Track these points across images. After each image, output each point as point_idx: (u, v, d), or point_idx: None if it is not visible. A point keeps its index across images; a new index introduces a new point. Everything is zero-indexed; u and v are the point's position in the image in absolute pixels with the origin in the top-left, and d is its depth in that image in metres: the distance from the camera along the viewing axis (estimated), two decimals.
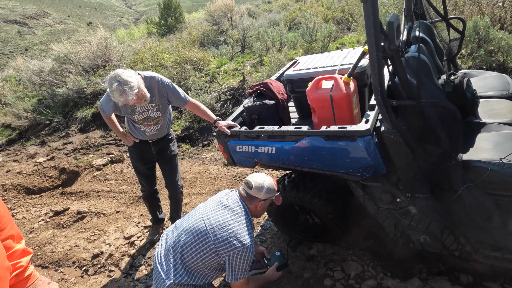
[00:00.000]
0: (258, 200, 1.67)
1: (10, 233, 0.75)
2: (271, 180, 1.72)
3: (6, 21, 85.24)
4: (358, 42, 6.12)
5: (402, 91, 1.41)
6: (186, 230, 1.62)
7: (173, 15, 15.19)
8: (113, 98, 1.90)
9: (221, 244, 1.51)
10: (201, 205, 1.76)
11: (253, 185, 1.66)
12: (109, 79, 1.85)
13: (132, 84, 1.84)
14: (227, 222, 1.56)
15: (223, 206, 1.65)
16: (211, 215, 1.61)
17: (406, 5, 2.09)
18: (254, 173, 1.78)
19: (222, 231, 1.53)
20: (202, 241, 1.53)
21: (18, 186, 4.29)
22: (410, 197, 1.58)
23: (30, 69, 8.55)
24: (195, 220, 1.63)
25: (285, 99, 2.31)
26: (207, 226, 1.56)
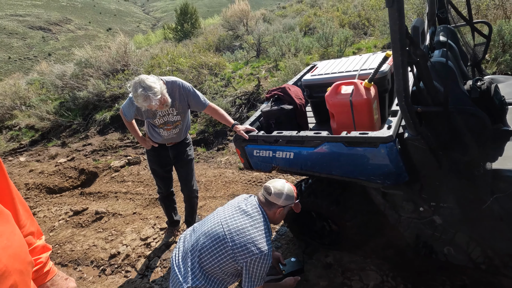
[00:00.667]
0: (277, 207, 1.66)
1: (30, 229, 0.77)
2: (291, 186, 1.71)
3: (31, 27, 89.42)
4: (375, 47, 6.04)
5: (427, 97, 1.38)
6: (204, 234, 1.62)
7: (189, 20, 15.53)
8: (137, 103, 1.95)
9: (238, 250, 1.50)
10: (219, 209, 1.76)
11: (272, 191, 1.65)
12: (134, 85, 1.90)
13: (156, 90, 1.88)
14: (245, 228, 1.56)
15: (242, 211, 1.65)
16: (230, 220, 1.61)
17: (429, 9, 2.05)
18: (274, 178, 1.77)
19: (240, 237, 1.52)
20: (220, 246, 1.53)
21: (40, 186, 4.44)
22: (435, 206, 1.53)
23: (53, 73, 8.91)
24: (213, 224, 1.63)
25: (303, 104, 2.30)
26: (225, 231, 1.55)
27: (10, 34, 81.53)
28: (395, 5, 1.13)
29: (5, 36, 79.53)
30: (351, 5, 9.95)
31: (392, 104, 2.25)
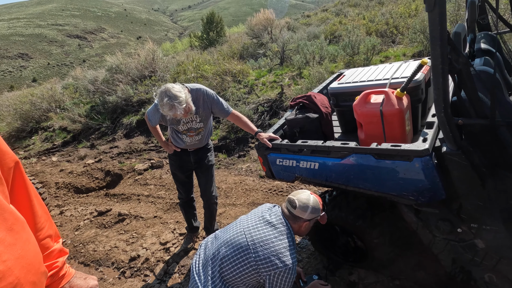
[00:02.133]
0: (303, 221, 1.59)
1: (48, 232, 0.76)
2: (316, 198, 1.64)
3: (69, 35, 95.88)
4: (404, 55, 5.82)
5: (469, 108, 1.26)
6: (226, 243, 1.58)
7: (215, 29, 15.90)
8: (163, 112, 1.96)
9: (262, 262, 1.44)
10: (243, 218, 1.72)
11: (297, 204, 1.59)
12: (160, 94, 1.92)
13: (181, 99, 1.90)
14: (269, 239, 1.50)
15: (266, 222, 1.59)
16: (253, 230, 1.56)
17: (469, 15, 1.92)
18: (297, 190, 1.70)
19: (264, 248, 1.46)
20: (243, 256, 1.48)
21: (69, 185, 4.63)
22: (476, 229, 1.39)
23: (86, 78, 9.41)
24: (236, 233, 1.59)
25: (329, 113, 2.22)
26: (248, 242, 1.51)
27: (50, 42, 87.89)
28: (436, 10, 1.05)
29: (46, 44, 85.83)
30: (378, 13, 9.73)
31: (425, 115, 2.13)
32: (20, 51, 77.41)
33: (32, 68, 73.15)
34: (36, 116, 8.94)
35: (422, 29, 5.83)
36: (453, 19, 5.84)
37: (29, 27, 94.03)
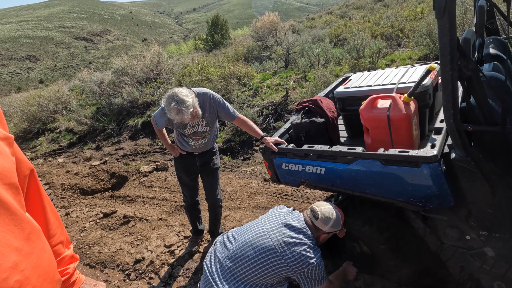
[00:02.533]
0: (322, 232, 1.64)
1: (60, 239, 0.77)
2: (339, 213, 1.68)
3: (76, 38, 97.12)
4: (410, 58, 5.79)
5: (479, 114, 1.25)
6: (248, 244, 1.60)
7: (219, 32, 15.98)
8: (170, 116, 1.97)
9: (294, 262, 1.50)
10: (263, 219, 1.74)
11: (319, 216, 1.63)
12: (167, 98, 1.93)
13: (188, 104, 1.91)
14: (295, 242, 1.54)
15: (289, 225, 1.63)
16: (278, 233, 1.59)
17: (478, 20, 1.90)
18: (322, 201, 1.74)
19: (293, 250, 1.52)
20: (270, 258, 1.51)
21: (75, 186, 4.68)
22: (486, 236, 1.37)
23: (93, 80, 9.50)
24: (259, 234, 1.61)
25: (335, 117, 2.22)
26: (275, 244, 1.54)
27: (57, 44, 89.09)
28: (446, 16, 1.05)
29: (53, 46, 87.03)
30: (384, 16, 9.71)
31: (432, 120, 2.11)
32: (28, 53, 78.54)
33: (39, 69, 74.16)
34: (43, 118, 9.05)
35: (428, 32, 5.80)
36: (460, 22, 5.80)
37: (37, 29, 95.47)
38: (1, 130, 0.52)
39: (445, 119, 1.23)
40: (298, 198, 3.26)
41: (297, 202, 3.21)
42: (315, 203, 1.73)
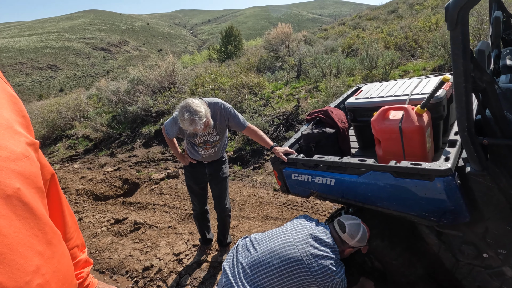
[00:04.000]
0: (348, 246, 1.63)
1: (76, 243, 0.79)
2: (366, 229, 1.66)
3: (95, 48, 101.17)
4: (424, 69, 5.71)
5: (495, 127, 1.21)
6: (274, 252, 1.59)
7: (233, 42, 16.28)
8: (183, 126, 2.00)
9: (320, 274, 1.49)
10: (289, 228, 1.73)
11: (347, 229, 1.62)
12: (181, 109, 1.97)
13: (201, 114, 1.94)
14: (321, 255, 1.53)
15: (316, 238, 1.62)
16: (305, 244, 1.58)
17: (493, 31, 1.87)
18: (349, 215, 1.73)
19: (319, 263, 1.51)
20: (296, 268, 1.50)
21: (89, 192, 4.78)
22: (505, 255, 1.31)
23: (109, 89, 9.82)
24: (285, 243, 1.60)
25: (346, 128, 2.20)
26: (302, 255, 1.53)
27: (78, 54, 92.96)
28: (459, 28, 1.04)
29: (73, 56, 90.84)
30: (397, 26, 9.66)
31: (447, 132, 2.06)
32: (50, 63, 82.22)
33: (60, 78, 77.33)
34: (61, 124, 9.38)
35: (443, 43, 5.72)
36: (476, 33, 5.70)
37: (60, 40, 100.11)
38: (28, 136, 0.55)
39: (460, 132, 1.20)
40: (308, 209, 3.22)
41: (307, 213, 3.16)
42: (342, 217, 1.72)
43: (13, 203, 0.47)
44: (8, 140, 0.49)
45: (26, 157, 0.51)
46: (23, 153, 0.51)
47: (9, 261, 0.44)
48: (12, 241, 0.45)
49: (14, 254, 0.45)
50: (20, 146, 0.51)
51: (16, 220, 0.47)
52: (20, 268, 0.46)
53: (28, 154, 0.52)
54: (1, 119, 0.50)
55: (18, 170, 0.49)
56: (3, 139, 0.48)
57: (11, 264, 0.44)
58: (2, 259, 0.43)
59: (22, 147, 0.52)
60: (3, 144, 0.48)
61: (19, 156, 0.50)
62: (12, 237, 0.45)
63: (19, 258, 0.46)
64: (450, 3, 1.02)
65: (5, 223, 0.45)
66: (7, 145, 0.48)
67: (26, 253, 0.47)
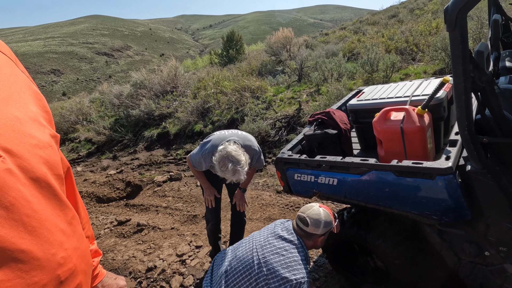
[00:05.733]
0: (317, 236, 1.59)
1: (87, 233, 0.83)
2: (327, 211, 1.64)
3: (98, 53, 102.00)
4: (425, 73, 5.75)
5: (494, 126, 1.24)
6: (237, 259, 1.58)
7: (234, 47, 16.42)
8: (224, 176, 1.89)
9: (272, 277, 1.43)
10: (255, 234, 1.72)
11: (309, 221, 1.58)
12: (221, 159, 1.85)
13: (243, 163, 1.86)
14: (280, 253, 1.50)
15: (277, 236, 1.60)
16: (264, 245, 1.57)
17: (492, 33, 1.91)
18: (306, 205, 1.69)
19: (275, 265, 1.45)
20: (252, 273, 1.47)
21: (92, 194, 4.81)
22: (506, 252, 1.32)
23: (112, 93, 9.90)
24: (247, 249, 1.60)
25: (348, 129, 2.23)
26: (259, 257, 1.51)
27: (80, 59, 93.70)
28: (457, 29, 1.07)
29: (76, 61, 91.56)
30: (398, 31, 9.74)
31: (448, 133, 2.09)
32: (53, 67, 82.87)
33: (63, 83, 77.88)
34: (64, 128, 9.45)
35: (444, 46, 5.77)
36: (476, 37, 5.75)
37: (63, 45, 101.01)
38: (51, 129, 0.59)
39: (460, 131, 1.23)
40: None
41: None
42: (301, 210, 1.66)
43: (41, 185, 0.52)
44: (36, 130, 0.54)
45: (50, 146, 0.57)
46: (48, 143, 0.56)
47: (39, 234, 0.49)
48: (41, 216, 0.50)
49: (43, 229, 0.50)
50: (46, 136, 0.56)
51: (42, 200, 0.52)
52: (47, 241, 0.50)
53: (51, 144, 0.57)
54: (29, 112, 0.55)
55: (44, 157, 0.53)
56: (32, 128, 0.53)
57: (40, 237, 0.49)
58: (34, 231, 0.48)
59: (47, 137, 0.57)
60: (32, 133, 0.52)
61: (45, 145, 0.55)
62: (41, 214, 0.51)
63: (46, 232, 0.51)
64: (449, 5, 1.05)
65: (35, 201, 0.50)
66: (36, 134, 0.53)
67: (52, 228, 0.52)
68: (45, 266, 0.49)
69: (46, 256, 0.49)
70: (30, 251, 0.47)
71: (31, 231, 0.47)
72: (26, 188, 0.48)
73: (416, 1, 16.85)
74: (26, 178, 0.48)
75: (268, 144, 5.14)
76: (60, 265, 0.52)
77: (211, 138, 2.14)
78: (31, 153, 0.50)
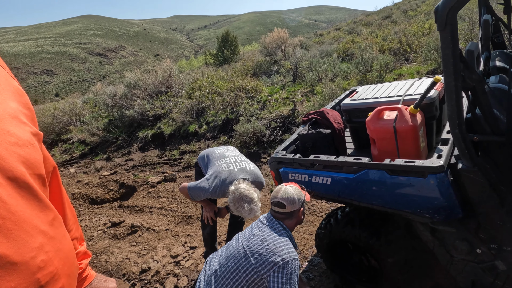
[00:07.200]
0: (297, 211, 1.64)
1: (75, 235, 0.81)
2: (294, 186, 1.68)
3: (91, 53, 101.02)
4: (418, 73, 5.81)
5: (485, 125, 1.25)
6: (227, 257, 1.59)
7: (229, 47, 16.39)
8: (241, 215, 1.92)
9: (261, 264, 1.43)
10: (240, 233, 1.74)
11: (284, 203, 1.61)
12: (236, 201, 1.88)
13: (256, 200, 1.91)
14: (264, 239, 1.52)
15: (260, 226, 1.63)
16: (249, 238, 1.59)
17: (482, 33, 1.93)
18: (274, 190, 1.70)
19: (261, 250, 1.47)
20: (242, 264, 1.48)
21: (85, 196, 4.75)
22: (496, 249, 1.34)
23: (106, 93, 9.81)
24: (235, 246, 1.61)
25: (342, 129, 2.23)
26: (246, 249, 1.53)
27: (74, 59, 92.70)
28: (448, 28, 1.08)
29: (69, 61, 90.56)
30: (391, 31, 9.83)
31: (440, 132, 2.11)
32: (46, 68, 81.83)
33: (56, 83, 76.94)
34: (57, 129, 9.33)
35: (436, 47, 5.83)
36: (468, 37, 5.82)
37: (55, 45, 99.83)
38: (33, 127, 0.57)
39: (451, 129, 1.24)
40: (305, 211, 3.24)
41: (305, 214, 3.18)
42: (272, 196, 1.69)
43: (19, 185, 0.50)
44: (15, 128, 0.52)
45: (31, 144, 0.54)
46: (28, 141, 0.54)
47: (16, 236, 0.47)
48: (19, 218, 0.48)
49: (20, 231, 0.48)
50: (26, 134, 0.54)
51: (21, 200, 0.49)
52: (25, 244, 0.48)
53: (32, 142, 0.55)
54: (8, 109, 0.52)
55: (24, 156, 0.51)
56: (12, 126, 0.51)
57: (17, 240, 0.47)
58: (9, 234, 0.46)
59: (28, 135, 0.55)
60: (11, 131, 0.51)
61: (25, 143, 0.53)
62: (19, 215, 0.48)
63: (24, 235, 0.48)
64: (439, 4, 1.06)
65: (12, 202, 0.48)
66: (15, 132, 0.51)
67: (31, 230, 0.50)
68: (23, 270, 0.47)
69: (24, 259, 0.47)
70: (5, 255, 0.44)
71: (7, 234, 0.45)
72: (2, 188, 0.46)
73: (410, 2, 17.04)
74: (2, 177, 0.47)
75: (263, 144, 5.14)
76: (40, 268, 0.50)
77: (215, 171, 2.08)
78: (8, 151, 0.48)
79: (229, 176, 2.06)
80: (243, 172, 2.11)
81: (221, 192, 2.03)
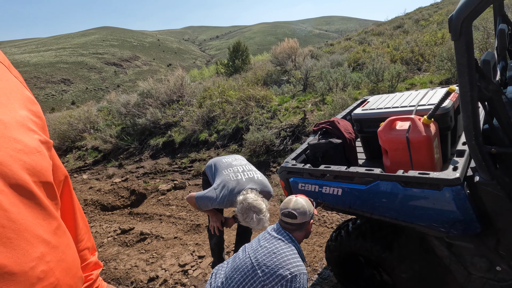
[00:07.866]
0: (307, 223, 1.61)
1: (86, 245, 0.80)
2: (304, 198, 1.66)
3: (107, 63, 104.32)
4: (431, 82, 5.72)
5: (503, 136, 1.21)
6: (234, 269, 1.56)
7: (240, 57, 16.62)
8: (249, 226, 1.91)
9: (268, 277, 1.39)
10: (247, 244, 1.71)
11: (296, 214, 1.58)
12: (245, 211, 1.87)
13: (265, 210, 1.90)
14: (272, 251, 1.48)
15: (268, 238, 1.59)
16: (256, 249, 1.56)
17: (499, 43, 1.89)
18: (284, 201, 1.67)
19: (268, 265, 1.43)
20: (249, 276, 1.45)
21: (96, 202, 4.82)
22: None
23: (119, 102, 10.05)
24: (242, 258, 1.58)
25: (353, 139, 2.20)
26: (253, 262, 1.49)
27: (90, 68, 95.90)
28: (462, 38, 1.06)
29: (86, 71, 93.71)
30: (403, 41, 9.76)
31: (455, 143, 2.05)
32: (63, 77, 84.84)
33: (72, 92, 79.52)
34: (72, 136, 9.58)
35: (450, 56, 5.75)
36: (483, 47, 5.72)
37: (73, 55, 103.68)
38: (42, 134, 0.58)
39: (467, 141, 1.20)
40: (315, 222, 3.18)
41: (314, 225, 3.12)
42: (282, 206, 1.66)
43: (21, 193, 0.49)
44: (23, 135, 0.52)
45: (38, 152, 0.54)
46: (35, 148, 0.53)
47: (16, 246, 0.46)
48: (20, 227, 0.47)
49: (20, 240, 0.47)
50: (33, 142, 0.54)
51: (23, 208, 0.49)
52: (25, 254, 0.47)
53: (40, 150, 0.55)
54: (17, 117, 0.53)
55: (29, 163, 0.51)
56: (19, 133, 0.51)
57: (17, 249, 0.46)
58: (9, 243, 0.45)
59: (35, 143, 0.54)
60: (18, 138, 0.50)
61: (32, 150, 0.52)
62: (20, 224, 0.47)
63: (25, 244, 0.47)
64: (453, 14, 1.05)
65: (14, 210, 0.47)
66: (22, 139, 0.51)
67: (32, 240, 0.49)
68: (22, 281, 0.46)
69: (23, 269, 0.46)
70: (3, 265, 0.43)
71: (6, 243, 0.44)
72: (4, 195, 0.45)
73: (422, 12, 16.95)
74: (4, 184, 0.46)
75: (272, 153, 5.12)
76: (39, 279, 0.49)
77: (223, 180, 2.07)
78: (13, 158, 0.48)
79: (237, 186, 2.03)
80: (251, 182, 2.09)
81: (229, 202, 2.01)
